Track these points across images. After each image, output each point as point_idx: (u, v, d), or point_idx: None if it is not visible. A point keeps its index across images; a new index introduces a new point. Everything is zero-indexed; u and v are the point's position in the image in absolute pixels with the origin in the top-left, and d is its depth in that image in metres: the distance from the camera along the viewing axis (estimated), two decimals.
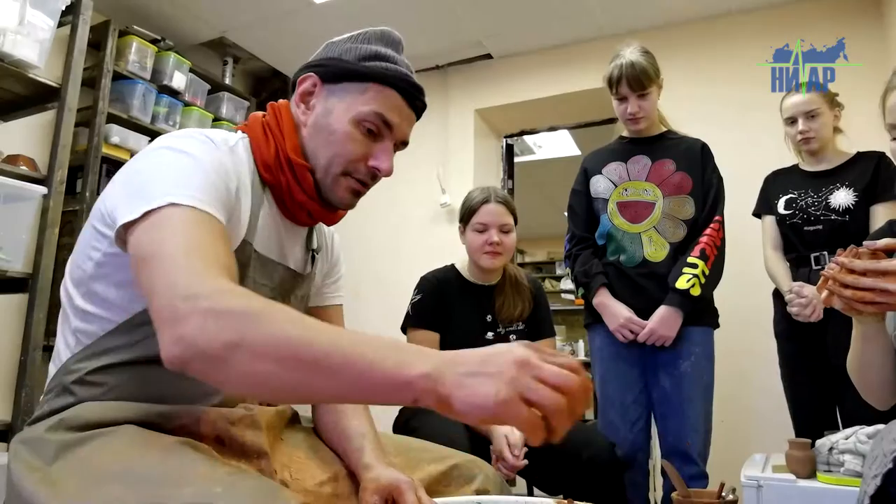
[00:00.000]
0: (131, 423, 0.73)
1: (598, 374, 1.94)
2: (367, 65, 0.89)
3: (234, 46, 3.23)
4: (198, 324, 0.58)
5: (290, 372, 0.56)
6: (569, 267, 2.04)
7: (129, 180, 0.75)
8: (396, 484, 0.82)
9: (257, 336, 0.57)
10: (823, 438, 1.49)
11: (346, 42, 0.93)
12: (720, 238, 1.83)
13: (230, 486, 0.59)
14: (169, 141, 0.78)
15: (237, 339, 0.57)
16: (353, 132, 0.88)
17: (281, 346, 0.57)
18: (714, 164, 1.91)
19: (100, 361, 0.77)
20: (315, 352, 0.56)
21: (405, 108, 0.92)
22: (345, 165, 0.89)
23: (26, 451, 0.71)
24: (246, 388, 0.58)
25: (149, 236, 0.67)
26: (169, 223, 0.67)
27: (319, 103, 0.91)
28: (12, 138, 2.29)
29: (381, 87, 0.89)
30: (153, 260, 0.65)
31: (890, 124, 1.06)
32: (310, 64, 0.94)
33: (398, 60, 0.92)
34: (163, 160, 0.75)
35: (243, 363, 0.56)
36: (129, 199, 0.70)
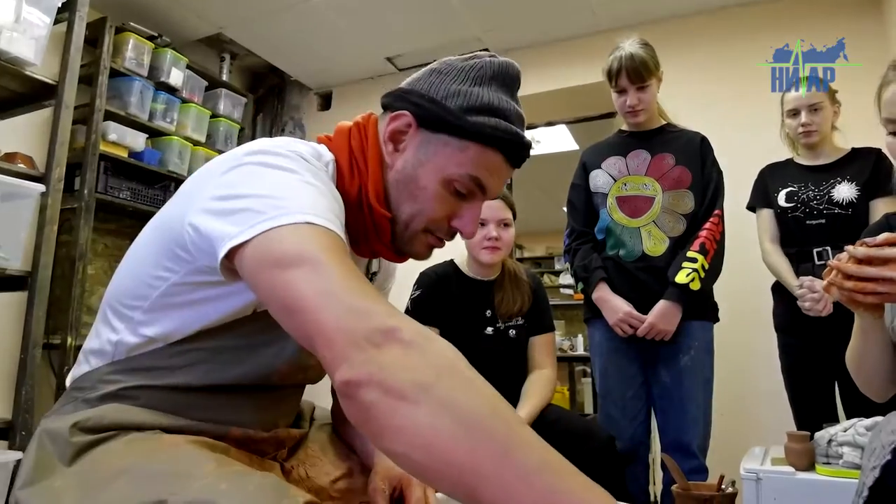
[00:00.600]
0: (154, 429, 0.72)
1: (598, 368, 1.94)
2: (473, 120, 0.77)
3: (231, 42, 3.22)
4: (398, 355, 0.51)
5: (474, 445, 0.47)
6: (568, 261, 2.04)
7: (225, 199, 0.65)
8: (407, 476, 0.80)
9: (456, 389, 0.50)
10: (822, 431, 1.50)
11: (454, 79, 0.80)
12: (720, 232, 1.83)
13: (236, 483, 0.58)
14: (261, 157, 0.68)
15: (434, 383, 0.50)
16: (442, 191, 0.79)
17: (480, 410, 0.49)
18: (714, 157, 1.91)
19: (137, 380, 0.74)
20: (512, 436, 0.48)
21: (506, 169, 0.82)
22: (427, 223, 0.81)
23: (49, 444, 0.70)
24: (409, 444, 0.49)
25: (297, 244, 0.58)
26: (312, 238, 0.59)
27: (411, 149, 0.80)
28: (9, 136, 2.28)
29: (485, 149, 0.78)
30: (317, 270, 0.56)
31: (886, 118, 1.06)
32: (407, 96, 0.82)
33: (510, 114, 0.80)
34: (276, 179, 0.66)
35: (427, 410, 0.48)
36: (239, 218, 0.62)
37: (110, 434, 0.70)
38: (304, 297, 0.56)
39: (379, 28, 3.06)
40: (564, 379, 4.87)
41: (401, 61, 3.40)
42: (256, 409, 0.81)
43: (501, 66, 0.82)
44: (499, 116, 0.79)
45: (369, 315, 0.54)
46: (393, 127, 0.81)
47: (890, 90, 1.04)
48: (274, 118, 3.72)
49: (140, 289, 0.74)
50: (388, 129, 0.81)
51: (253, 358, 0.77)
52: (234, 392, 0.77)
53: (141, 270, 0.75)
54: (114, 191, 2.57)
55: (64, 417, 0.72)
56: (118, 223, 2.78)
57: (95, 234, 2.55)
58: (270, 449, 0.84)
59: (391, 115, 0.82)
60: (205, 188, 0.69)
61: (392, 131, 0.81)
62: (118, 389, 0.74)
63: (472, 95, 0.79)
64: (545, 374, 1.81)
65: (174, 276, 0.71)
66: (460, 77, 0.80)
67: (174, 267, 0.71)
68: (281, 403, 0.87)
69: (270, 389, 0.82)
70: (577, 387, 4.99)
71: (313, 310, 0.55)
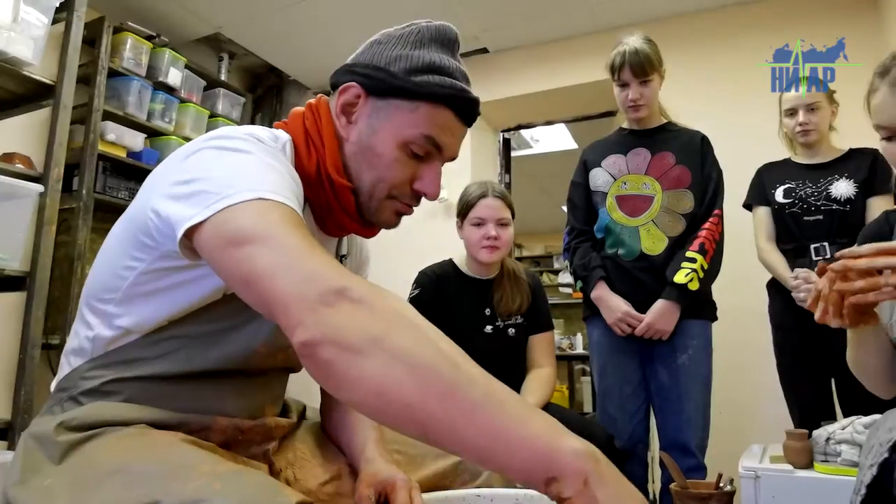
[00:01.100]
0: (140, 424, 0.72)
1: (597, 366, 1.94)
2: (418, 80, 0.79)
3: (230, 42, 3.22)
4: (349, 312, 0.54)
5: (421, 387, 0.51)
6: (567, 259, 2.04)
7: (188, 183, 0.67)
8: (392, 480, 0.80)
9: (404, 339, 0.53)
10: (820, 429, 1.50)
11: (395, 46, 0.83)
12: (719, 232, 1.83)
13: (230, 483, 0.58)
14: (220, 142, 0.70)
15: (383, 334, 0.53)
16: (400, 155, 0.81)
17: (425, 355, 0.52)
18: (714, 156, 1.91)
19: (118, 373, 0.74)
20: (459, 375, 0.52)
21: (458, 126, 0.83)
22: (390, 190, 0.82)
23: (35, 446, 0.70)
24: (365, 392, 0.52)
25: (250, 221, 0.60)
26: (268, 214, 0.61)
27: (363, 118, 0.82)
28: (8, 136, 2.28)
29: (434, 107, 0.80)
30: (261, 243, 0.59)
31: (876, 125, 1.07)
32: (352, 69, 0.84)
33: (454, 70, 0.82)
34: (232, 161, 0.67)
35: (378, 360, 0.52)
36: (196, 201, 0.64)
37: (97, 431, 0.70)
38: (258, 269, 0.58)
39: (377, 27, 3.01)
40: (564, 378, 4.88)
41: None
42: (239, 394, 0.81)
43: (438, 28, 0.86)
44: (443, 74, 0.81)
45: (320, 278, 0.56)
46: (343, 100, 0.83)
47: (877, 97, 1.05)
48: (272, 118, 3.72)
49: (111, 281, 0.76)
50: (338, 102, 0.83)
51: (229, 340, 0.77)
52: (215, 378, 0.77)
53: (111, 263, 0.76)
54: (112, 191, 2.56)
55: (48, 419, 0.73)
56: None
57: (94, 234, 2.54)
58: (258, 438, 0.83)
59: (340, 89, 0.83)
60: (167, 175, 0.71)
61: (343, 104, 0.83)
62: (100, 384, 0.74)
63: (414, 57, 0.81)
64: (544, 373, 1.82)
65: (141, 264, 0.73)
66: (400, 43, 0.83)
67: (141, 255, 0.72)
68: (265, 389, 0.86)
69: (253, 375, 0.82)
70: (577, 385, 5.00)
71: (268, 279, 0.57)
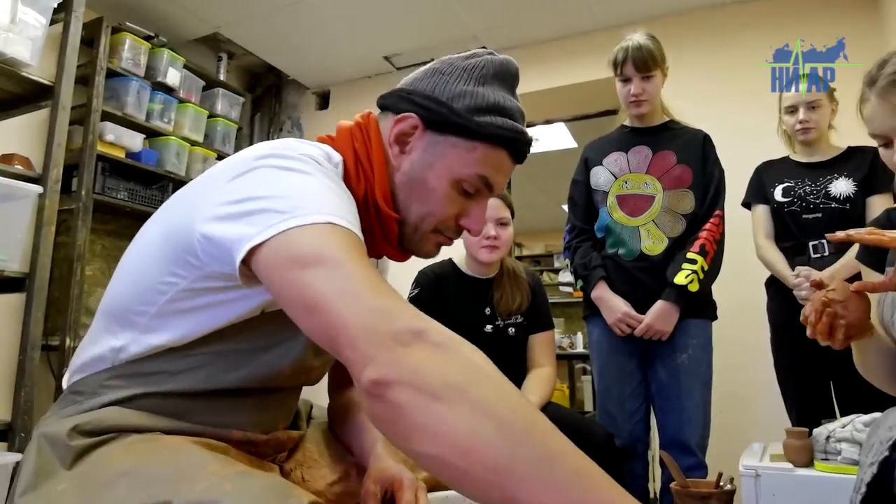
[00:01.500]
0: (154, 431, 0.71)
1: (597, 365, 1.94)
2: (480, 121, 0.78)
3: (228, 42, 3.21)
4: (428, 355, 0.51)
5: (510, 447, 0.47)
6: (568, 258, 2.04)
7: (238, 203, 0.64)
8: (399, 478, 0.80)
9: (489, 391, 0.50)
10: (821, 427, 1.50)
11: (458, 79, 0.80)
12: (720, 232, 1.83)
13: (240, 484, 0.58)
14: (273, 161, 0.67)
15: (466, 383, 0.49)
16: (451, 192, 0.80)
17: (515, 415, 0.49)
18: (715, 156, 1.90)
19: (139, 386, 0.73)
20: (550, 443, 0.48)
21: (511, 166, 0.83)
22: (437, 224, 0.82)
23: (48, 448, 0.69)
24: (446, 447, 0.48)
25: (318, 243, 0.58)
26: (333, 239, 0.59)
27: (417, 151, 0.80)
28: (6, 137, 2.28)
29: (492, 148, 0.79)
30: (338, 268, 0.56)
31: (870, 134, 1.07)
32: (411, 97, 0.81)
33: (514, 112, 0.81)
34: (291, 182, 0.65)
35: (460, 410, 0.48)
36: (257, 220, 0.61)
37: (109, 437, 0.69)
38: (325, 296, 0.55)
39: (376, 27, 3.05)
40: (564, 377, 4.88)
41: (398, 60, 3.39)
42: (256, 411, 0.81)
43: (502, 63, 0.83)
44: (505, 115, 0.80)
45: (394, 315, 0.53)
46: (399, 129, 0.80)
47: (868, 108, 1.05)
48: (272, 117, 3.71)
49: (147, 295, 0.73)
50: (393, 131, 0.81)
51: (257, 361, 0.76)
52: (234, 395, 0.77)
53: (146, 276, 0.74)
54: (111, 191, 2.56)
55: (62, 421, 0.72)
56: (116, 224, 2.78)
57: (93, 235, 2.54)
58: (270, 451, 0.84)
59: (396, 118, 0.81)
60: (212, 194, 0.68)
61: (398, 133, 0.80)
62: (120, 398, 0.72)
63: (478, 96, 0.79)
64: (544, 372, 1.82)
65: (183, 281, 0.70)
66: (464, 77, 0.80)
67: (183, 273, 0.70)
68: (281, 405, 0.86)
69: (271, 392, 0.82)
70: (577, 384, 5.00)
71: (335, 309, 0.54)
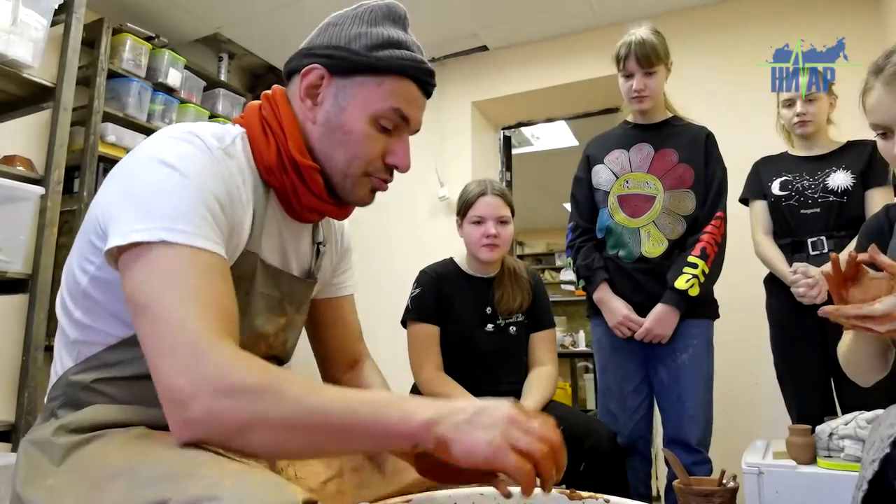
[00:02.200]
0: (139, 425, 0.72)
1: (599, 364, 1.95)
2: (380, 55, 0.82)
3: (229, 42, 3.22)
4: (207, 407, 0.60)
5: (307, 438, 0.62)
6: (571, 257, 2.03)
7: (120, 195, 0.71)
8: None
9: (275, 413, 0.61)
10: (823, 424, 1.50)
11: (351, 25, 0.84)
12: (721, 234, 1.81)
13: (239, 480, 0.58)
14: (159, 150, 0.73)
15: (252, 418, 0.60)
16: (370, 130, 0.83)
17: (298, 418, 0.61)
18: (718, 154, 1.88)
19: (101, 374, 0.75)
20: (330, 419, 0.62)
21: (420, 98, 0.86)
22: (365, 166, 0.84)
23: (35, 450, 0.71)
24: (265, 454, 0.64)
25: (141, 283, 0.66)
26: (163, 268, 0.65)
27: (329, 98, 0.83)
28: (8, 139, 2.28)
29: (398, 80, 0.83)
30: (148, 318, 0.64)
31: (871, 124, 1.07)
32: (312, 52, 0.85)
33: (410, 44, 0.85)
34: (154, 178, 0.70)
35: (261, 437, 0.61)
36: (121, 220, 0.68)
37: (97, 434, 0.70)
38: (146, 344, 0.65)
39: None
40: (566, 375, 4.88)
41: None
42: None
43: (389, 6, 0.87)
44: (402, 48, 0.84)
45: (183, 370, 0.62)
46: (306, 82, 0.83)
47: (872, 96, 1.04)
48: None
49: (72, 285, 0.78)
50: (302, 86, 0.84)
51: None
52: None
53: (70, 267, 0.79)
54: None
55: (44, 425, 0.74)
56: None
57: None
58: None
59: (302, 72, 0.84)
60: (119, 175, 0.75)
61: (307, 87, 0.84)
62: (87, 385, 0.75)
63: (373, 35, 0.83)
64: (546, 371, 1.82)
65: (93, 266, 0.75)
66: (356, 22, 0.85)
67: (92, 258, 0.75)
68: None
69: None
70: (580, 383, 5.00)
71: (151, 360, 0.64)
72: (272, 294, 0.87)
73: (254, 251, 0.82)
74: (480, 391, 1.68)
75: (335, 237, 1.05)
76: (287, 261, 0.91)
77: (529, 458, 0.59)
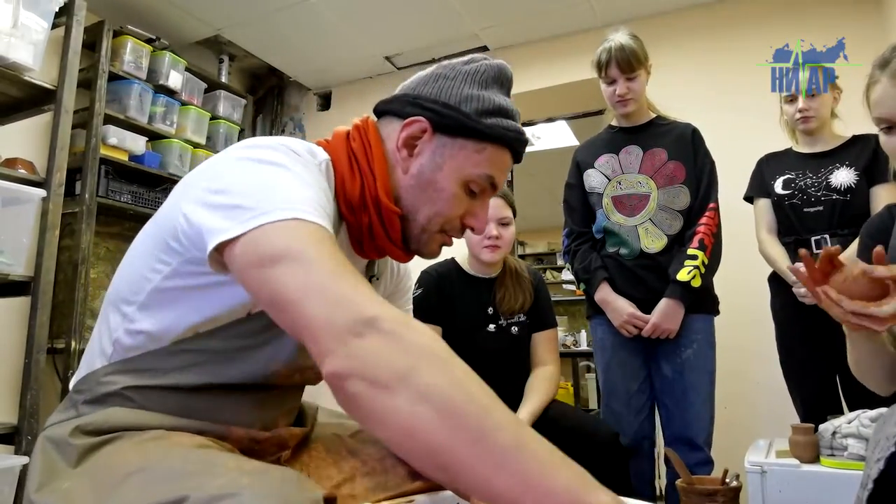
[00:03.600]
0: (157, 430, 0.72)
1: (601, 364, 1.94)
2: (489, 123, 0.82)
3: (230, 44, 3.22)
4: (378, 345, 0.55)
5: (450, 431, 0.51)
6: (568, 263, 2.04)
7: (217, 193, 0.68)
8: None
9: (433, 376, 0.53)
10: (826, 423, 1.49)
11: (462, 83, 0.83)
12: (716, 225, 1.83)
13: (258, 478, 0.58)
14: (254, 154, 0.71)
15: (411, 371, 0.53)
16: (459, 192, 0.83)
17: (455, 396, 0.52)
18: (705, 148, 1.90)
19: (134, 380, 0.74)
20: (489, 420, 0.52)
21: (510, 164, 0.87)
22: (444, 224, 0.84)
23: (52, 449, 0.70)
24: (392, 431, 0.53)
25: (283, 240, 0.60)
26: (300, 234, 0.61)
27: (426, 153, 0.82)
28: (10, 141, 2.28)
29: (498, 149, 0.83)
30: (293, 262, 0.59)
31: (876, 118, 1.06)
32: (419, 102, 0.83)
33: (514, 113, 0.85)
34: (261, 175, 0.68)
35: (406, 398, 0.52)
36: (230, 214, 0.64)
37: (114, 436, 0.70)
38: (288, 293, 0.58)
39: (377, 27, 3.05)
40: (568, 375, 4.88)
41: (399, 60, 3.39)
42: (256, 407, 0.81)
43: (500, 67, 0.87)
44: (508, 118, 0.84)
45: (350, 305, 0.57)
46: (408, 133, 0.83)
47: (877, 90, 1.03)
48: (273, 119, 3.72)
49: (136, 284, 0.76)
50: (401, 134, 0.83)
51: (248, 360, 0.77)
52: (231, 391, 0.78)
53: (137, 265, 0.77)
54: (115, 194, 2.57)
55: (63, 424, 0.73)
56: (120, 226, 2.78)
57: (97, 238, 2.55)
58: (273, 448, 0.84)
59: (405, 122, 0.83)
60: (199, 181, 0.72)
61: (407, 137, 0.83)
62: (116, 390, 0.74)
63: (484, 99, 0.83)
64: (548, 371, 1.81)
65: (167, 268, 0.73)
66: (468, 81, 0.84)
67: (167, 259, 0.73)
68: (281, 402, 0.87)
69: (269, 389, 0.82)
70: (581, 382, 4.99)
71: (298, 304, 0.58)
72: None
73: None
74: None
75: (391, 267, 1.04)
76: None
77: None
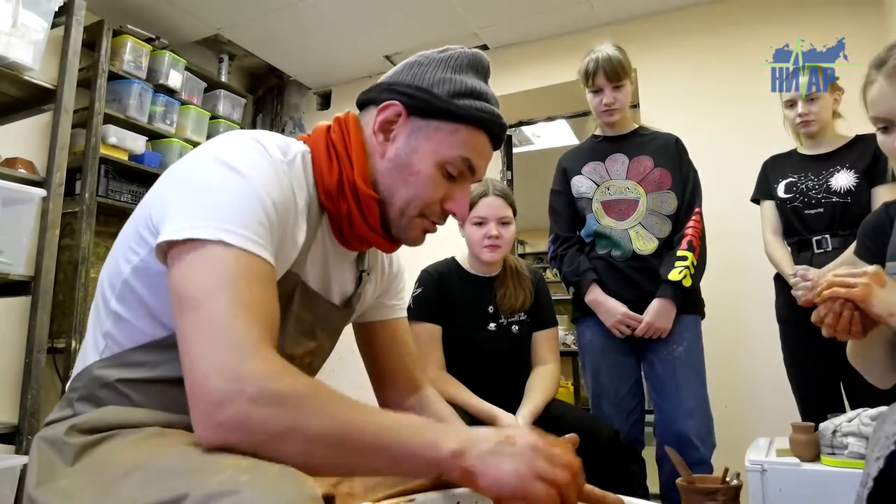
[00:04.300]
0: (153, 427, 0.72)
1: (590, 367, 1.95)
2: (461, 104, 0.83)
3: (229, 44, 3.22)
4: (243, 411, 0.59)
5: (338, 454, 0.61)
6: (556, 268, 2.07)
7: (180, 191, 0.71)
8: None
9: (309, 425, 0.60)
10: (827, 421, 1.50)
11: (436, 68, 0.85)
12: (701, 229, 1.89)
13: (257, 474, 0.58)
14: (224, 152, 0.73)
15: (288, 428, 0.60)
16: (436, 175, 0.84)
17: (333, 433, 0.61)
18: (688, 158, 1.96)
19: (125, 373, 0.75)
20: (364, 437, 0.61)
21: (489, 149, 0.87)
22: (422, 208, 0.85)
23: (48, 448, 0.71)
24: (292, 464, 0.60)
25: (192, 279, 0.65)
26: (216, 268, 0.65)
27: (402, 137, 0.84)
28: (9, 141, 2.28)
29: (472, 130, 0.84)
30: (194, 313, 0.63)
31: (873, 117, 1.06)
32: (393, 87, 0.85)
33: (489, 96, 0.87)
34: (217, 178, 0.71)
35: (294, 448, 0.60)
36: (178, 215, 0.68)
37: (110, 434, 0.70)
38: (185, 337, 0.63)
39: (377, 26, 3.05)
40: (568, 374, 4.88)
41: (399, 59, 3.39)
42: None
43: (475, 55, 0.89)
44: (482, 100, 0.85)
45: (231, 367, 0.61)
46: (383, 117, 0.84)
47: (874, 89, 1.04)
48: (273, 118, 3.72)
49: (113, 275, 0.77)
50: (377, 119, 0.84)
51: None
52: None
53: (115, 255, 0.79)
54: (115, 194, 2.57)
55: (59, 424, 0.73)
56: (120, 226, 2.71)
57: (97, 238, 2.55)
58: None
59: (380, 107, 0.85)
60: (178, 170, 0.76)
61: (382, 121, 0.84)
62: (110, 384, 0.74)
63: (456, 82, 0.84)
64: (549, 370, 1.81)
65: (136, 258, 0.75)
66: (441, 66, 0.86)
67: (138, 249, 0.75)
68: None
69: None
70: (582, 381, 4.99)
71: (188, 356, 0.63)
72: (306, 317, 0.87)
73: (297, 272, 0.82)
74: (483, 390, 1.68)
75: (382, 264, 1.04)
76: (328, 286, 0.91)
77: (554, 486, 0.59)
